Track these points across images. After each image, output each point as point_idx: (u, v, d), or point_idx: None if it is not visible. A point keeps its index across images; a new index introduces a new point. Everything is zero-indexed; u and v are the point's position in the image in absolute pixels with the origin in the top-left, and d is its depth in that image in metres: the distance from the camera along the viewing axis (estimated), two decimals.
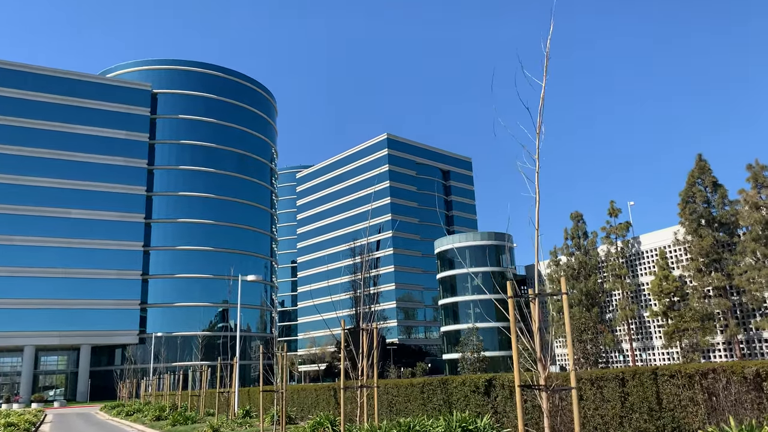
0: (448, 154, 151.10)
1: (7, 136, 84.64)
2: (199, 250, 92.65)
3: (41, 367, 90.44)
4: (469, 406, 13.57)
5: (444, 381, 14.52)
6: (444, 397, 14.44)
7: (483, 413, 12.85)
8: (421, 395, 15.31)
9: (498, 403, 12.79)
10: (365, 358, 13.49)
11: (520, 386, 8.16)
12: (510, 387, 12.30)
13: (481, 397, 13.25)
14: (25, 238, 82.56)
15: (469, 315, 79.83)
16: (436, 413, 14.74)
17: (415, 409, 15.57)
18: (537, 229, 9.15)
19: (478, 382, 13.28)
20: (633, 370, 10.52)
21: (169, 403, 34.74)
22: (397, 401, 16.41)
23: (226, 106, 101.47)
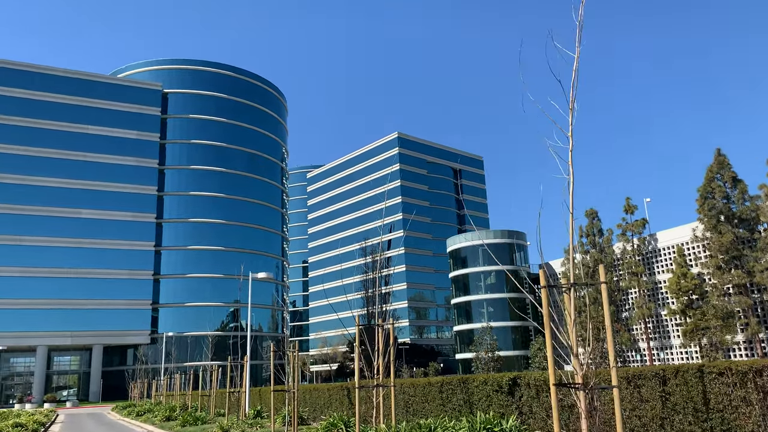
0: (460, 152, 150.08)
1: (18, 136, 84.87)
2: (210, 250, 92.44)
3: (54, 367, 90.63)
4: (492, 407, 12.79)
5: (464, 380, 13.75)
6: (464, 397, 13.67)
7: (507, 414, 12.08)
8: (439, 395, 14.55)
9: (523, 404, 12.00)
10: (381, 357, 12.76)
11: (556, 385, 7.36)
12: (537, 386, 11.52)
13: (504, 396, 12.47)
14: (36, 239, 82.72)
15: (482, 314, 78.85)
16: (455, 414, 13.97)
17: (434, 410, 14.81)
18: (571, 213, 8.37)
19: (501, 381, 12.50)
20: (675, 368, 9.69)
21: (180, 403, 34.22)
22: (414, 401, 15.65)
23: (236, 106, 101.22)
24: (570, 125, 8.53)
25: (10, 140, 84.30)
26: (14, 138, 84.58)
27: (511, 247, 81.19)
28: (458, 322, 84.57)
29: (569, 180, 8.45)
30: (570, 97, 8.50)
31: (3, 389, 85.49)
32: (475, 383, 13.34)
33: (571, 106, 8.49)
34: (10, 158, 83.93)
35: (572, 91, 8.49)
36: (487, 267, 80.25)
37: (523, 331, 78.31)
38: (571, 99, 8.49)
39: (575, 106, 8.50)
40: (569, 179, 8.44)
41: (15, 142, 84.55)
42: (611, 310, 66.43)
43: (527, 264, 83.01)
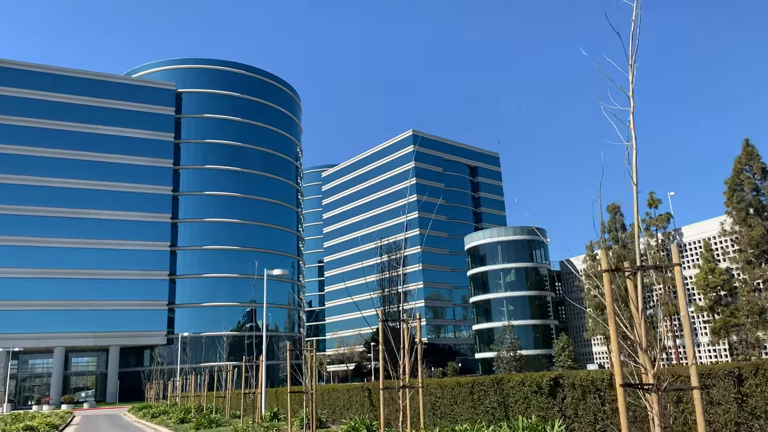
0: (475, 149, 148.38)
1: (34, 138, 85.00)
2: (225, 250, 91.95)
3: (72, 368, 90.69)
4: (530, 409, 11.58)
5: (498, 380, 12.56)
6: (498, 399, 12.47)
7: (548, 418, 10.87)
8: (470, 396, 13.37)
9: (567, 406, 10.79)
10: (407, 355, 11.62)
11: (625, 386, 6.16)
12: (583, 387, 10.30)
13: (545, 398, 11.26)
14: (53, 240, 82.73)
15: (502, 312, 77.31)
16: (488, 417, 12.78)
17: (464, 413, 13.63)
18: (635, 184, 7.14)
19: (541, 381, 11.30)
20: (754, 365, 8.43)
21: (195, 405, 33.38)
22: (441, 403, 14.48)
23: (250, 105, 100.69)
24: (630, 84, 7.32)
25: (26, 142, 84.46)
26: (30, 140, 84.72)
27: (530, 243, 79.59)
28: (477, 321, 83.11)
29: (632, 146, 7.23)
30: (629, 51, 7.32)
31: (21, 390, 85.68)
32: (511, 384, 12.14)
33: (631, 61, 7.30)
34: (27, 160, 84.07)
35: (632, 44, 7.30)
36: (507, 264, 78.71)
37: (544, 329, 76.68)
38: (631, 54, 7.32)
39: (635, 61, 7.33)
40: (632, 145, 7.23)
41: (31, 143, 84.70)
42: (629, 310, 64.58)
43: (548, 261, 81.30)
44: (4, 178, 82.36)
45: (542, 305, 77.36)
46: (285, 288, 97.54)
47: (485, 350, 78.99)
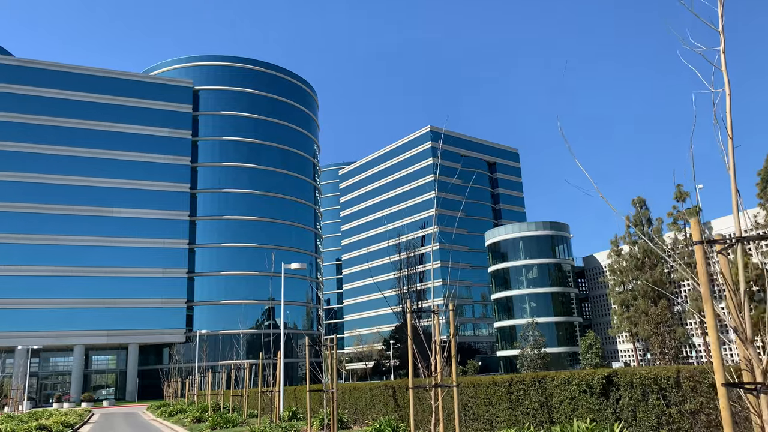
0: (494, 145, 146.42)
1: (53, 136, 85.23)
2: (244, 247, 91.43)
3: (92, 366, 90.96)
4: (577, 411, 10.32)
5: (540, 378, 11.31)
6: (540, 399, 11.22)
7: (599, 421, 9.61)
8: (507, 396, 12.13)
9: (622, 408, 9.52)
10: (439, 351, 10.43)
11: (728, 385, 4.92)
12: (643, 386, 9.02)
13: (595, 399, 9.99)
14: (72, 238, 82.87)
15: (524, 309, 75.68)
16: (528, 419, 11.53)
17: (499, 414, 12.39)
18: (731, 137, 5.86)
19: (591, 379, 10.03)
20: None
21: (213, 403, 32.53)
22: (474, 404, 13.26)
23: (267, 102, 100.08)
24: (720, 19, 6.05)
25: (45, 141, 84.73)
26: (49, 138, 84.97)
27: (553, 239, 77.80)
28: (499, 318, 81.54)
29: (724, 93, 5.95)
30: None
31: (43, 388, 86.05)
32: (555, 382, 10.89)
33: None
34: (46, 158, 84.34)
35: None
36: (529, 260, 77.03)
37: (568, 326, 74.90)
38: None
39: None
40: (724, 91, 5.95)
41: (50, 142, 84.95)
42: (662, 305, 62.68)
43: (571, 257, 79.45)
44: (24, 176, 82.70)
45: (565, 302, 75.60)
46: (303, 286, 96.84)
47: (507, 348, 77.44)
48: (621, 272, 68.80)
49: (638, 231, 68.31)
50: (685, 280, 64.26)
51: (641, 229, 67.94)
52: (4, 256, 79.26)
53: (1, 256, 79.12)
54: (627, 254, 68.45)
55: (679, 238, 64.33)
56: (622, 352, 72.80)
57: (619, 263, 69.55)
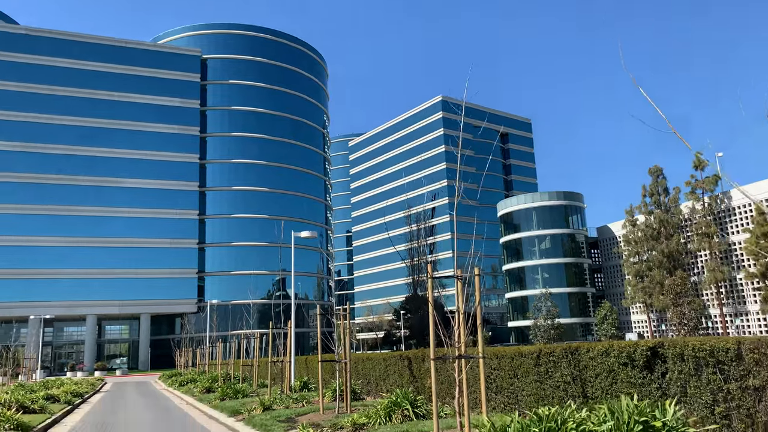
0: (507, 115, 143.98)
1: (59, 106, 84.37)
2: (254, 218, 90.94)
3: (105, 336, 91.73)
4: (616, 386, 9.43)
5: (573, 350, 10.40)
6: (573, 372, 10.33)
7: (642, 397, 8.71)
8: (535, 369, 11.25)
9: (670, 383, 8.59)
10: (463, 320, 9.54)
11: None
12: (696, 359, 8.09)
13: (638, 373, 9.08)
14: (83, 209, 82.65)
15: (536, 280, 74.87)
16: (558, 393, 10.66)
17: (525, 388, 11.54)
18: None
19: (633, 351, 9.09)
20: None
21: (223, 373, 32.14)
22: (498, 376, 12.41)
23: (276, 71, 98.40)
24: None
25: (53, 111, 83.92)
26: (56, 108, 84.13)
27: (566, 209, 76.48)
28: (510, 289, 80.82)
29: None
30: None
31: (57, 357, 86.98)
32: (590, 354, 9.96)
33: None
34: (55, 129, 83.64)
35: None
36: (542, 231, 75.89)
37: (581, 297, 74.08)
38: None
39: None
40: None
41: (57, 112, 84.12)
42: (679, 275, 61.55)
43: (584, 227, 78.19)
44: (33, 147, 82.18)
45: (578, 273, 74.64)
46: (314, 257, 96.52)
47: (519, 318, 76.89)
48: (636, 243, 67.64)
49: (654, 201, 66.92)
50: (702, 251, 62.98)
51: (657, 198, 66.54)
52: (16, 226, 79.29)
53: (13, 227, 79.15)
54: (642, 224, 67.17)
55: (697, 208, 62.93)
56: (636, 323, 72.02)
57: (634, 233, 68.36)
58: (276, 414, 15.39)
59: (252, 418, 15.32)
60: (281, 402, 17.75)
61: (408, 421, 11.84)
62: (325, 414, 14.71)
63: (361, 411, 13.82)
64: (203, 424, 17.21)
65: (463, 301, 9.76)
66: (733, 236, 60.85)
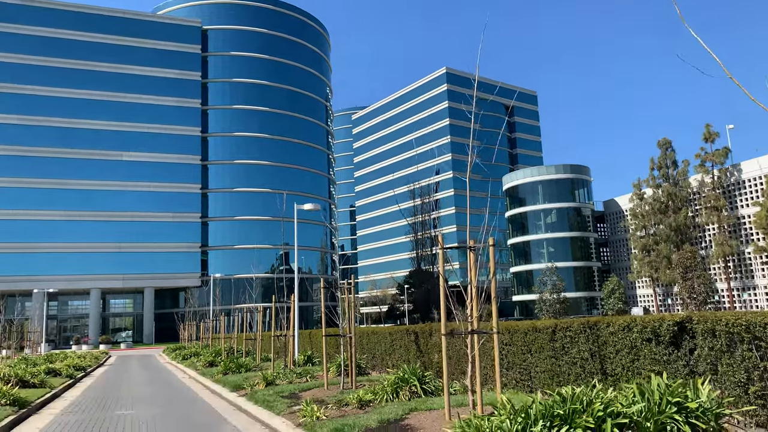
0: (512, 87, 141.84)
1: (60, 78, 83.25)
2: (256, 192, 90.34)
3: (110, 309, 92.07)
4: (638, 362, 8.87)
5: (592, 324, 9.82)
6: (591, 348, 9.77)
7: (668, 375, 8.15)
8: (550, 344, 10.70)
9: (698, 360, 8.01)
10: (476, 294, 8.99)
11: None
12: (729, 335, 7.49)
13: (663, 349, 8.50)
14: (84, 182, 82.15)
15: (541, 254, 74.39)
16: (575, 370, 10.13)
17: (539, 364, 11.01)
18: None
19: (659, 326, 8.49)
20: None
21: (226, 347, 31.88)
22: (509, 351, 11.88)
23: (278, 41, 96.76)
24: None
25: (53, 83, 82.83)
26: (57, 81, 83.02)
27: (573, 182, 75.63)
28: (515, 263, 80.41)
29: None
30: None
31: (62, 331, 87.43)
32: (611, 329, 9.37)
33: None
34: (54, 101, 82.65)
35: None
36: (547, 204, 75.17)
37: (586, 271, 73.65)
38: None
39: None
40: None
41: (58, 84, 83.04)
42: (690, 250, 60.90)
43: (591, 201, 77.39)
44: (33, 119, 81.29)
45: (584, 247, 74.11)
46: (317, 231, 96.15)
47: (523, 293, 76.63)
48: (643, 216, 66.91)
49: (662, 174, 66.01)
50: (710, 224, 62.25)
51: (666, 171, 65.63)
52: (17, 200, 78.91)
53: (14, 201, 78.78)
54: (650, 198, 66.36)
55: (706, 181, 62.05)
56: (642, 297, 71.71)
57: (641, 207, 67.59)
58: (279, 389, 14.97)
59: (254, 394, 14.90)
60: (284, 377, 17.35)
61: (416, 397, 11.35)
62: (329, 389, 14.28)
63: (366, 387, 13.36)
64: (205, 398, 16.84)
65: (476, 273, 9.17)
66: (743, 209, 60.07)
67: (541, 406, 6.04)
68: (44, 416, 14.29)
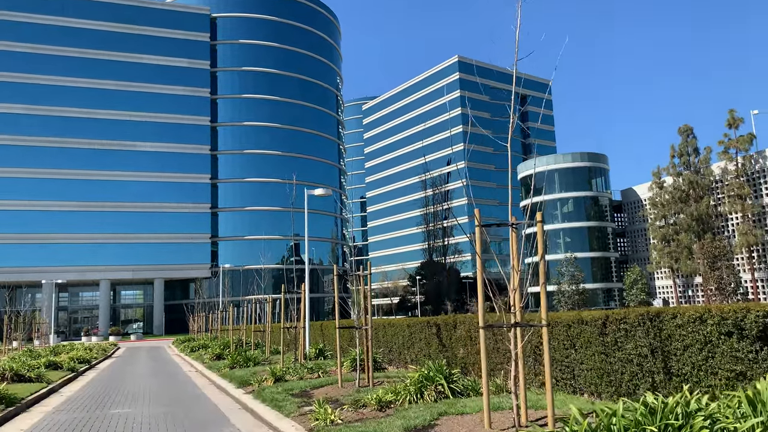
0: (525, 76, 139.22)
1: (70, 68, 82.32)
2: (267, 182, 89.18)
3: (120, 301, 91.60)
4: (713, 360, 7.44)
5: (653, 316, 8.39)
6: (652, 344, 8.34)
7: (756, 376, 6.73)
8: (599, 338, 9.29)
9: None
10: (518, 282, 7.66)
11: None
12: None
13: (747, 345, 7.06)
14: (93, 173, 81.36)
15: (558, 245, 72.68)
16: (630, 369, 8.72)
17: (586, 360, 9.61)
18: None
19: (741, 318, 7.06)
20: None
21: (235, 339, 30.75)
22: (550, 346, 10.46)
23: (288, 29, 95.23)
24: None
25: (59, 72, 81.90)
26: (63, 70, 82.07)
27: (590, 171, 73.72)
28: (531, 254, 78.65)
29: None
30: None
31: (73, 322, 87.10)
32: (678, 321, 7.93)
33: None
34: (60, 90, 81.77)
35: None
36: (564, 194, 73.35)
37: (603, 262, 71.89)
38: None
39: None
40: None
41: (64, 73, 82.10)
42: (708, 239, 59.01)
43: (608, 190, 75.47)
44: (44, 110, 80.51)
45: (602, 237, 72.32)
46: (328, 222, 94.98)
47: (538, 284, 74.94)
48: (663, 205, 64.98)
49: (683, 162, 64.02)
50: (733, 213, 60.25)
51: (687, 159, 63.64)
52: (27, 191, 78.26)
53: (24, 192, 78.13)
54: (670, 186, 64.38)
55: (730, 168, 60.01)
56: (660, 289, 69.86)
57: (661, 196, 65.64)
58: (288, 386, 13.70)
59: (262, 391, 13.65)
60: (295, 372, 16.09)
61: (443, 398, 10.01)
62: (344, 387, 12.97)
63: (385, 385, 12.03)
64: (209, 395, 15.62)
65: (519, 259, 7.79)
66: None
67: (625, 420, 4.65)
68: (34, 414, 13.13)
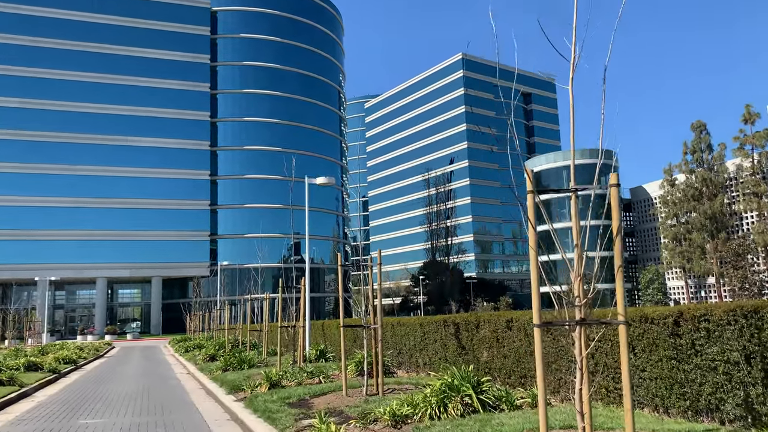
0: (530, 74, 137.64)
1: (66, 61, 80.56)
2: (267, 179, 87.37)
3: (117, 299, 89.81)
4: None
5: (748, 311, 6.51)
6: (746, 347, 6.49)
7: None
8: (669, 340, 7.46)
9: None
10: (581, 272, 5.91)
11: None
12: None
13: None
14: (89, 168, 79.57)
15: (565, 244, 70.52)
16: (713, 378, 6.91)
17: (649, 367, 7.80)
18: None
19: None
20: None
21: (231, 339, 29.00)
22: (599, 350, 8.68)
23: (289, 23, 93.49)
24: None
25: (55, 65, 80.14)
26: (59, 63, 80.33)
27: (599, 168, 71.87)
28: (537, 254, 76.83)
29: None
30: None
31: (69, 320, 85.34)
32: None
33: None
34: (57, 84, 80.00)
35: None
36: None
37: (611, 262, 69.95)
38: None
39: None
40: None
41: (60, 66, 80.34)
42: (721, 238, 57.18)
43: None
44: (36, 103, 78.75)
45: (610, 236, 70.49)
46: (329, 219, 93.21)
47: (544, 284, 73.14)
48: (674, 204, 63.12)
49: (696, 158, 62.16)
50: (749, 212, 58.39)
51: (700, 156, 61.78)
52: (21, 186, 76.50)
53: (18, 187, 76.37)
54: (682, 184, 62.51)
55: (745, 165, 58.14)
56: (672, 289, 67.96)
57: (672, 194, 63.78)
58: (285, 394, 11.89)
59: (254, 399, 11.85)
60: (293, 376, 14.27)
61: (471, 412, 8.20)
62: (349, 395, 11.15)
63: (399, 395, 10.21)
64: (196, 402, 13.83)
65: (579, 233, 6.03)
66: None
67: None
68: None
